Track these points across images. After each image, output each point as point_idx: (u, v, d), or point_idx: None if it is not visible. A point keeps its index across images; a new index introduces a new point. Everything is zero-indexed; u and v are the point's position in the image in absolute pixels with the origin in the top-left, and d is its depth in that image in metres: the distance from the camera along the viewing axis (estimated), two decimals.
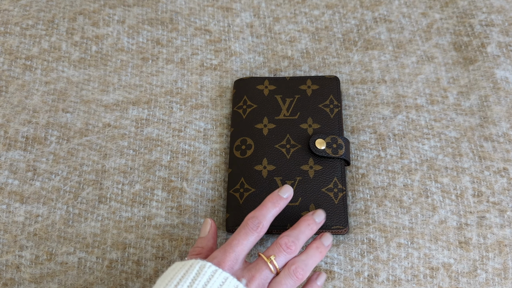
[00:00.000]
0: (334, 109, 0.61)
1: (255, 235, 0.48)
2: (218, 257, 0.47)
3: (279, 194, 0.51)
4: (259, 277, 0.46)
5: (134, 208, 0.58)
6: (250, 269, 0.47)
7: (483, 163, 0.60)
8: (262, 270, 0.47)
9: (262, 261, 0.48)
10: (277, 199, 0.51)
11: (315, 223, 0.52)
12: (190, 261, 0.46)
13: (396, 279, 0.54)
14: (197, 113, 0.64)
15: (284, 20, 0.71)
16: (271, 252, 0.48)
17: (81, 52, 0.68)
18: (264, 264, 0.47)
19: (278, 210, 0.51)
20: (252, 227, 0.48)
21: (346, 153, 0.58)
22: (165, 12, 0.71)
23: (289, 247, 0.48)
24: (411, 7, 0.71)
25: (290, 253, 0.48)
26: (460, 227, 0.56)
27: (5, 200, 0.59)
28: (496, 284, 0.54)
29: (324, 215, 0.53)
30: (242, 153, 0.59)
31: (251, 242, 0.48)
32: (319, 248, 0.50)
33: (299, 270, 0.48)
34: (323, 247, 0.51)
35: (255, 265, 0.48)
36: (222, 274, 0.44)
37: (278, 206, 0.51)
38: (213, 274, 0.44)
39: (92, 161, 0.61)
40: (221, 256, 0.47)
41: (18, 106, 0.64)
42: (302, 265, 0.48)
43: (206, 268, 0.44)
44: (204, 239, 0.51)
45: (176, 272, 0.45)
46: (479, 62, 0.66)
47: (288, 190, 0.52)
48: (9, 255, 0.56)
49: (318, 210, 0.53)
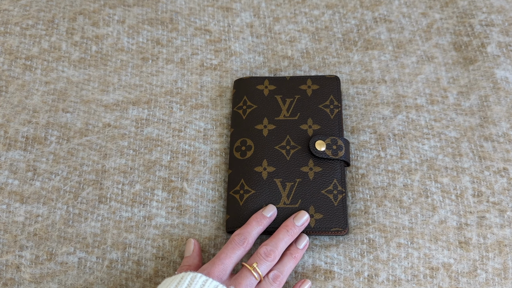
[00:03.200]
0: (334, 109, 0.61)
1: (241, 250, 0.52)
2: (207, 268, 0.50)
3: (263, 214, 0.55)
4: (245, 283, 0.50)
5: (134, 208, 0.58)
6: (236, 277, 0.51)
7: (483, 163, 0.60)
8: (247, 278, 0.50)
9: (246, 269, 0.51)
10: (261, 218, 0.55)
11: (295, 227, 0.54)
12: (180, 274, 0.49)
13: (396, 279, 0.54)
14: (197, 113, 0.64)
15: (284, 20, 0.71)
16: (253, 260, 0.52)
17: (81, 52, 0.68)
18: (248, 272, 0.51)
19: (262, 228, 0.55)
20: (239, 243, 0.52)
21: (346, 154, 0.58)
22: (165, 12, 0.71)
23: (268, 255, 0.52)
24: (411, 7, 0.71)
25: (271, 260, 0.52)
26: (460, 227, 0.56)
27: (5, 200, 0.59)
28: (496, 284, 0.54)
29: (306, 217, 0.55)
30: (242, 154, 0.59)
31: (238, 256, 0.52)
32: (292, 254, 0.54)
33: (278, 276, 0.52)
34: (297, 251, 0.54)
35: (240, 273, 0.51)
36: (212, 283, 0.48)
37: (262, 225, 0.54)
38: (204, 283, 0.47)
39: (92, 161, 0.61)
40: (210, 267, 0.50)
41: (18, 106, 0.64)
42: (280, 272, 0.52)
43: (197, 278, 0.48)
44: (190, 258, 0.54)
45: (168, 284, 0.48)
46: (479, 62, 0.66)
47: (271, 210, 0.56)
48: (9, 255, 0.56)
49: (299, 213, 0.55)
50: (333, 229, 0.55)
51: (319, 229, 0.55)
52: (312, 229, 0.55)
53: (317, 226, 0.55)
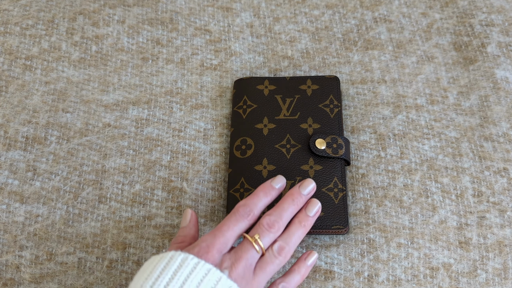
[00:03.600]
0: (334, 109, 0.61)
1: (245, 222, 0.48)
2: (207, 240, 0.45)
3: (271, 184, 0.51)
4: (246, 257, 0.45)
5: (134, 208, 0.58)
6: (236, 251, 0.46)
7: (483, 163, 0.60)
8: (248, 251, 0.46)
9: (247, 242, 0.47)
10: (269, 189, 0.50)
11: (301, 196, 0.51)
12: (170, 253, 0.44)
13: (396, 279, 0.54)
14: (197, 113, 0.64)
15: (284, 20, 0.71)
16: (255, 232, 0.47)
17: (81, 52, 0.68)
18: (249, 244, 0.46)
19: (269, 200, 0.50)
20: (243, 214, 0.48)
21: (346, 153, 0.58)
22: (165, 12, 0.71)
23: (272, 226, 0.47)
24: (411, 7, 0.71)
25: (274, 232, 0.47)
26: (460, 227, 0.56)
27: (5, 200, 0.59)
28: (496, 284, 0.54)
29: (313, 185, 0.52)
30: (242, 153, 0.59)
31: (241, 228, 0.47)
32: (301, 222, 0.49)
33: (283, 248, 0.47)
34: (306, 219, 0.50)
35: (241, 246, 0.46)
36: (204, 265, 0.43)
37: (269, 196, 0.50)
38: (195, 266, 0.43)
39: (92, 161, 0.61)
40: (211, 239, 0.45)
41: (18, 106, 0.64)
42: (285, 243, 0.48)
43: (189, 260, 0.43)
44: (186, 228, 0.50)
45: (156, 264, 0.43)
46: (479, 62, 0.66)
47: (280, 181, 0.52)
48: (9, 255, 0.56)
49: (305, 181, 0.52)
50: (334, 227, 0.55)
51: (320, 227, 0.55)
52: (313, 227, 0.55)
53: (318, 224, 0.55)
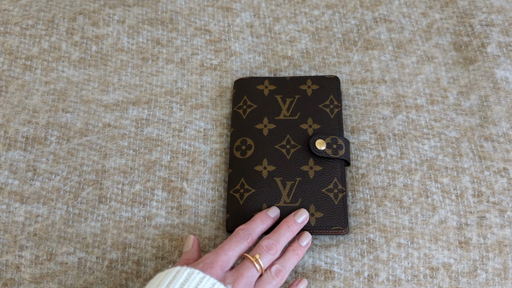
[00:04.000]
0: (334, 109, 0.61)
1: (245, 244, 0.52)
2: (211, 257, 0.49)
3: (267, 213, 0.55)
4: (247, 275, 0.49)
5: (134, 208, 0.58)
6: (238, 269, 0.50)
7: (483, 163, 0.60)
8: (249, 269, 0.50)
9: (248, 261, 0.51)
10: (265, 217, 0.55)
11: (296, 224, 0.54)
12: (176, 268, 0.47)
13: (396, 279, 0.54)
14: (197, 113, 0.64)
15: (284, 20, 0.71)
16: (255, 252, 0.51)
17: (81, 52, 0.68)
18: (251, 263, 0.50)
19: (266, 227, 0.54)
20: (243, 237, 0.52)
21: (346, 153, 0.58)
22: (165, 12, 0.71)
23: (270, 248, 0.52)
24: (411, 7, 0.71)
25: (272, 254, 0.51)
26: (460, 227, 0.56)
27: (5, 200, 0.59)
28: (496, 284, 0.54)
29: (306, 215, 0.55)
30: (242, 154, 0.59)
31: (242, 249, 0.51)
32: (295, 250, 0.54)
33: (280, 271, 0.51)
34: (300, 248, 0.54)
35: (242, 265, 0.50)
36: (210, 280, 0.46)
37: (265, 223, 0.54)
38: (201, 280, 0.46)
39: (92, 161, 0.61)
40: (214, 257, 0.49)
41: (18, 106, 0.64)
42: (282, 266, 0.52)
43: (195, 275, 0.46)
44: (189, 253, 0.54)
45: (162, 278, 0.47)
46: (479, 62, 0.66)
47: (275, 211, 0.56)
48: (9, 255, 0.56)
49: (300, 210, 0.56)
50: (333, 227, 0.55)
51: (320, 227, 0.55)
52: (313, 228, 0.55)
53: (318, 225, 0.55)
